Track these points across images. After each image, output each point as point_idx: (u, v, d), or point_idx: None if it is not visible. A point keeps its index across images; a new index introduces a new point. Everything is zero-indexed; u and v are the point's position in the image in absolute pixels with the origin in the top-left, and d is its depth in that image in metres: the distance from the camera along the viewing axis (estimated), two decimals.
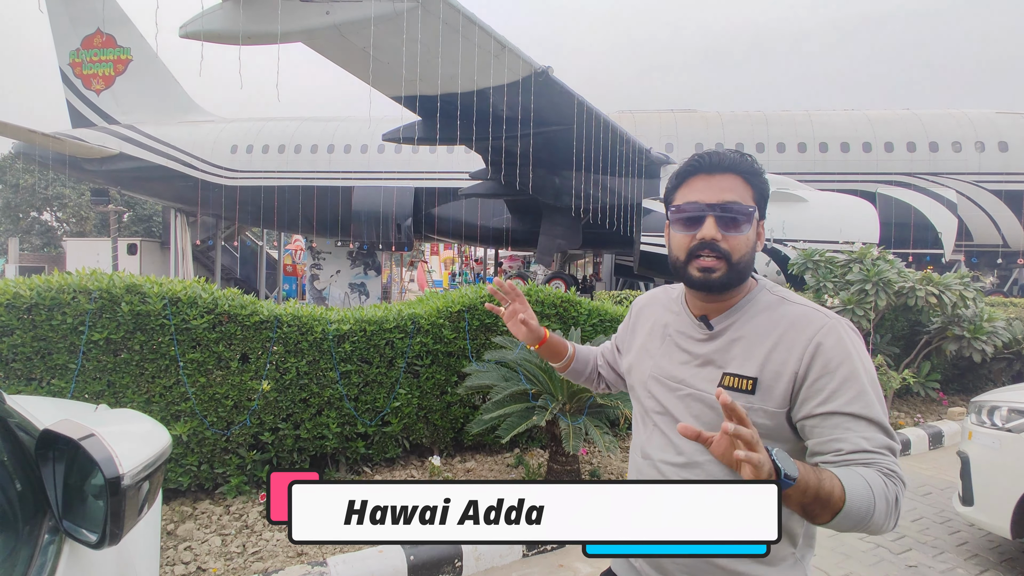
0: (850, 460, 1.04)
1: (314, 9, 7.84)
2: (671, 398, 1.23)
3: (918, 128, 14.97)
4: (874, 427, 1.06)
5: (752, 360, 1.13)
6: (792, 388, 1.09)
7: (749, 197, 1.17)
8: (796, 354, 1.09)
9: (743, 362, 1.14)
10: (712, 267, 1.15)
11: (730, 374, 1.14)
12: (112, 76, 18.75)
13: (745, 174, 1.18)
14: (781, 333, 1.12)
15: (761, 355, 1.12)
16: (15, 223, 30.12)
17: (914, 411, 6.64)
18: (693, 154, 1.24)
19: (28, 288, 3.30)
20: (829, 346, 1.08)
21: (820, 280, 7.07)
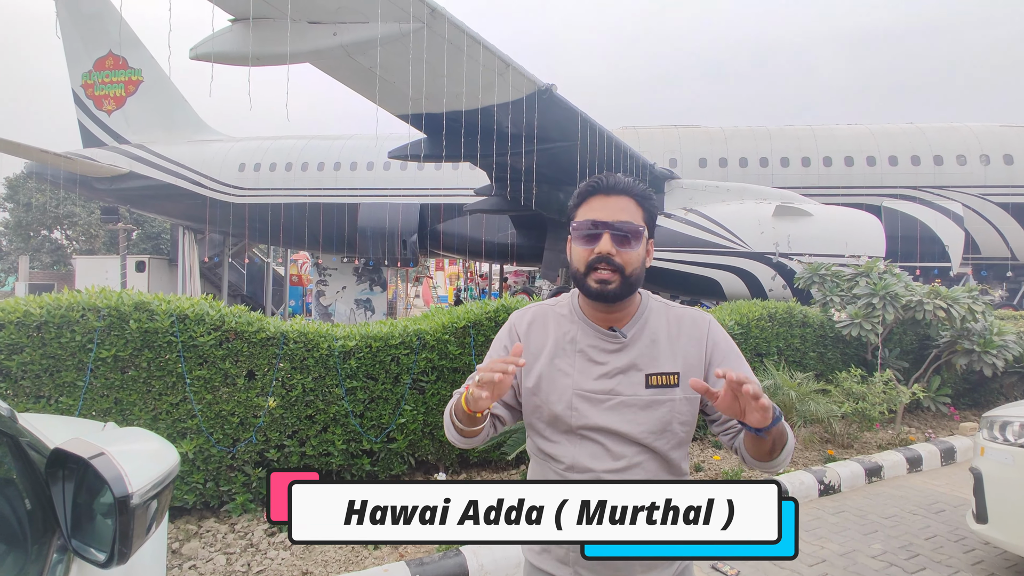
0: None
1: (322, 31, 7.98)
2: (600, 410, 1.28)
3: (922, 141, 14.98)
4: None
5: (671, 358, 1.30)
6: (703, 374, 1.31)
7: (640, 217, 1.30)
8: (699, 346, 1.33)
9: (664, 361, 1.30)
10: (608, 279, 1.27)
11: (654, 374, 1.28)
12: (123, 97, 19.09)
13: (637, 197, 1.31)
14: (681, 332, 1.34)
15: (677, 353, 1.31)
16: (26, 241, 30.48)
17: (925, 426, 6.55)
18: (592, 177, 1.36)
19: (38, 306, 3.34)
20: (716, 335, 1.35)
21: (827, 294, 7.04)
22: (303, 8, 7.62)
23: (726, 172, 15.26)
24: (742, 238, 11.50)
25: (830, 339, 6.69)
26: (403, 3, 7.48)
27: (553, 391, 1.32)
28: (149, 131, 18.95)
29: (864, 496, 4.67)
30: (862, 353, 6.78)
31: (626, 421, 1.27)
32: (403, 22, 7.73)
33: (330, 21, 7.90)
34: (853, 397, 5.64)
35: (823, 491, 4.67)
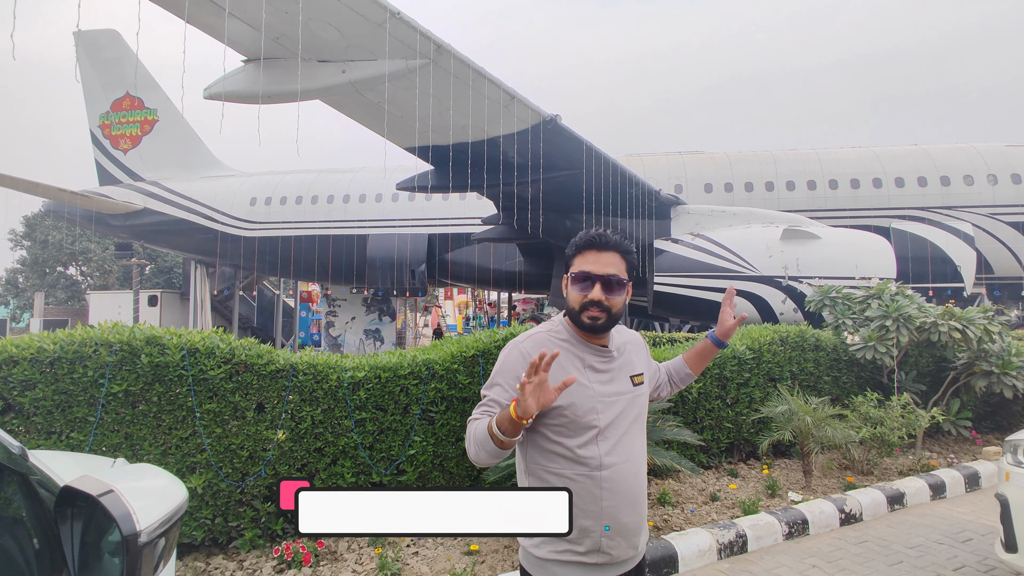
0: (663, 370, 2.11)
1: (331, 68, 8.21)
2: (617, 406, 1.69)
3: (928, 163, 14.99)
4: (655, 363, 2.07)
5: (638, 363, 1.81)
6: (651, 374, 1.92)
7: (623, 269, 1.70)
8: (644, 353, 1.90)
9: (635, 366, 1.80)
10: (598, 316, 1.67)
11: (634, 374, 1.77)
12: (139, 136, 19.62)
13: (622, 252, 1.71)
14: (635, 345, 1.87)
15: (638, 359, 1.83)
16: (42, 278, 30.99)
17: (947, 451, 6.38)
18: (586, 232, 1.75)
19: (51, 342, 3.37)
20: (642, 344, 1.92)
21: (839, 317, 6.96)
22: (313, 48, 7.86)
23: (732, 197, 15.31)
24: (750, 262, 11.46)
25: (844, 362, 6.59)
26: (410, 40, 7.69)
27: (583, 402, 1.64)
28: (163, 168, 19.41)
29: (887, 525, 4.53)
30: (877, 376, 6.66)
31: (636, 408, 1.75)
32: (410, 59, 7.94)
33: (339, 59, 8.13)
34: (871, 422, 5.52)
35: (844, 520, 4.54)
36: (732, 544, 3.99)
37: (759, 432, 5.71)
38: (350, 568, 3.48)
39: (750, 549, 4.05)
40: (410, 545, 3.81)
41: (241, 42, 7.66)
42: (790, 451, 6.02)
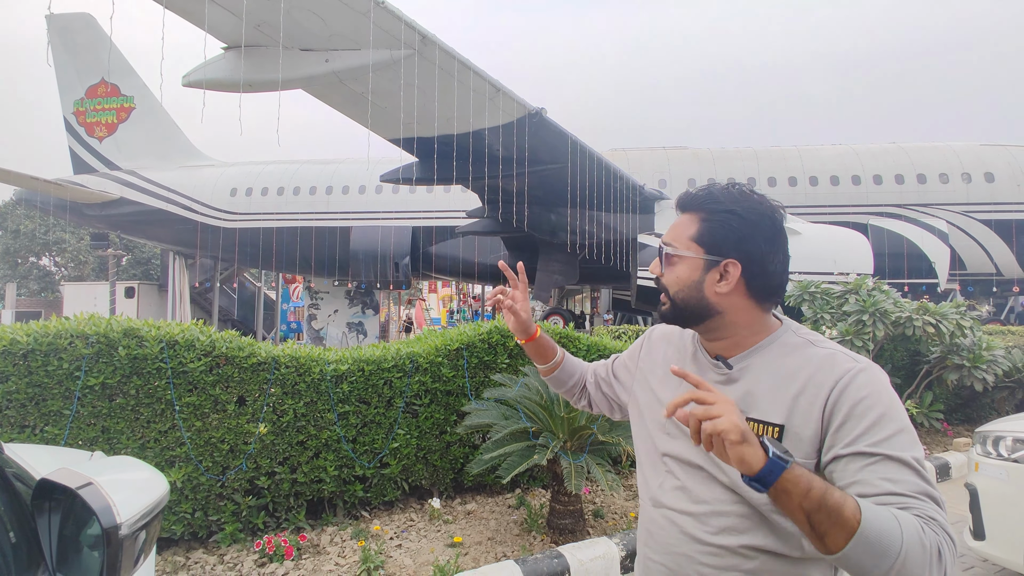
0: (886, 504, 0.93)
1: (313, 57, 8.09)
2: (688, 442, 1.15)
3: (905, 161, 15.30)
4: (907, 469, 0.95)
5: (778, 406, 1.05)
6: (820, 435, 1.02)
7: (689, 235, 1.15)
8: (822, 398, 1.02)
9: (768, 408, 1.06)
10: (662, 301, 1.19)
11: (754, 420, 1.06)
12: (115, 124, 19.16)
13: (697, 210, 1.17)
14: (808, 377, 1.05)
15: (787, 400, 1.05)
16: (13, 268, 30.19)
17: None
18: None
19: (25, 334, 3.29)
20: (857, 387, 1.00)
21: (817, 312, 7.09)
22: (295, 36, 7.73)
23: None
24: None
25: None
26: (394, 30, 7.61)
27: (653, 411, 1.26)
28: (141, 157, 18.99)
29: None
30: None
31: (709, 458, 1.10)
32: (394, 49, 7.85)
33: (322, 48, 8.02)
34: None
35: None
36: None
37: None
38: (332, 561, 3.47)
39: None
40: (393, 538, 3.82)
41: (221, 28, 7.51)
42: None
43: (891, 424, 0.97)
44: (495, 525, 4.03)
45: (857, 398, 0.99)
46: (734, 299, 1.12)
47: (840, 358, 1.05)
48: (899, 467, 0.95)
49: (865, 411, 0.98)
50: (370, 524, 3.98)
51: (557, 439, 3.59)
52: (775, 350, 1.11)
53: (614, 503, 4.50)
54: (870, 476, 0.95)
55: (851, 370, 1.02)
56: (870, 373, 1.02)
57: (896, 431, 0.97)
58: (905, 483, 0.94)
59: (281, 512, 3.84)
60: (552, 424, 3.69)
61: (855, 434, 0.98)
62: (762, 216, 1.14)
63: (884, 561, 0.85)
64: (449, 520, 4.09)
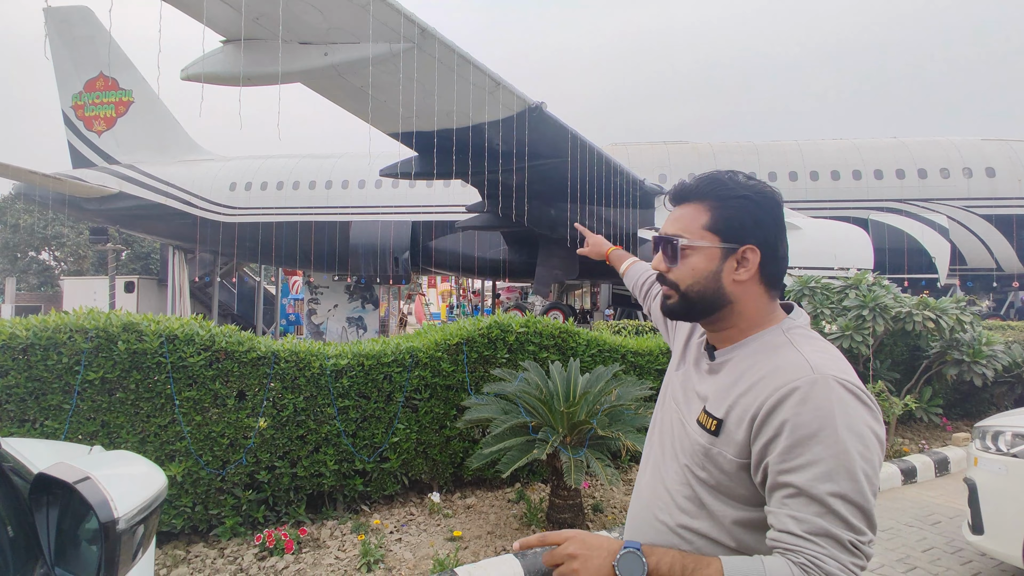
0: (779, 544, 0.92)
1: (312, 51, 8.05)
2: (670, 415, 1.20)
3: (906, 155, 15.27)
4: (814, 506, 0.90)
5: (725, 400, 1.05)
6: (748, 442, 0.99)
7: (701, 224, 1.11)
8: (756, 405, 0.98)
9: (718, 401, 1.07)
10: (667, 295, 1.15)
11: (706, 411, 1.08)
12: (113, 118, 19.09)
13: (705, 198, 1.12)
14: (758, 379, 1.02)
15: (734, 397, 1.04)
16: (13, 263, 30.16)
17: (918, 437, 6.57)
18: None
19: (24, 328, 3.29)
20: (796, 401, 0.94)
21: (817, 307, 7.08)
22: (294, 29, 7.69)
23: None
24: None
25: None
26: (393, 23, 7.57)
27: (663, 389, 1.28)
28: (139, 151, 18.93)
29: None
30: (854, 365, 6.80)
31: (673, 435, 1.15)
32: (394, 42, 7.81)
33: (321, 42, 7.97)
34: None
35: None
36: None
37: None
38: (332, 555, 3.48)
39: None
40: (393, 531, 3.83)
41: (220, 22, 7.46)
42: None
43: (814, 450, 0.91)
44: (495, 519, 4.04)
45: (786, 415, 0.94)
46: (750, 287, 1.10)
47: (794, 369, 0.99)
48: (807, 502, 0.91)
49: (791, 430, 0.93)
50: (370, 518, 3.99)
51: (557, 434, 3.59)
52: (757, 346, 1.09)
53: (614, 497, 4.51)
54: (779, 509, 0.94)
55: (792, 383, 0.96)
56: (814, 390, 0.94)
57: (816, 459, 0.91)
58: (806, 523, 0.90)
59: (281, 506, 3.85)
60: (552, 419, 3.70)
61: (776, 452, 0.94)
62: (770, 199, 1.12)
63: None
64: (449, 514, 4.10)
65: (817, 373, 0.96)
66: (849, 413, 0.93)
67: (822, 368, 0.97)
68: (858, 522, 0.90)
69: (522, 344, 4.60)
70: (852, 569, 0.89)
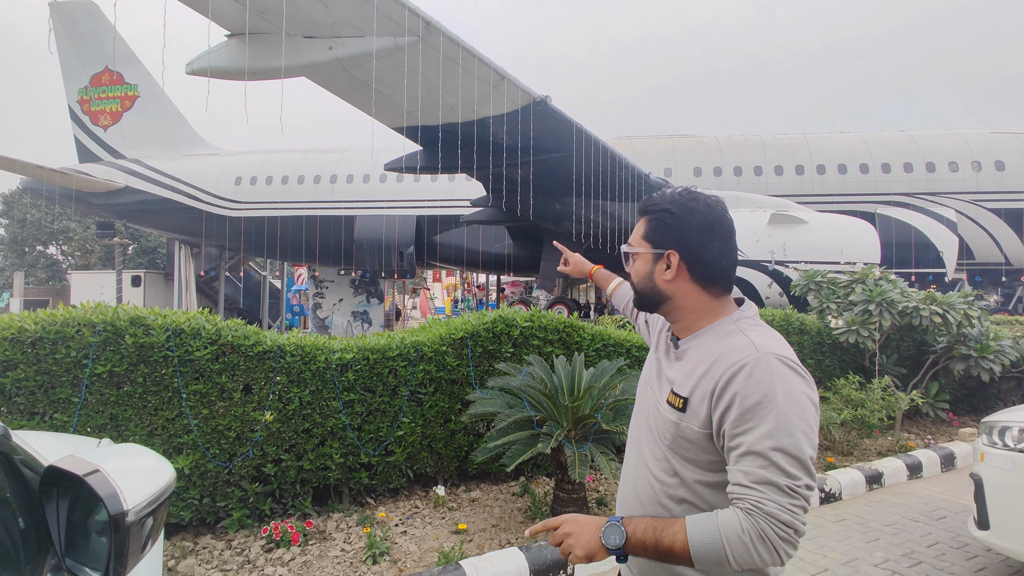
0: (732, 496, 1.11)
1: (317, 45, 8.03)
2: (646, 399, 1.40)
3: (914, 149, 15.12)
4: (759, 460, 1.08)
5: (689, 381, 1.23)
6: (709, 413, 1.18)
7: (640, 235, 1.35)
8: (713, 383, 1.17)
9: (683, 382, 1.25)
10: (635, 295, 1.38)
11: (673, 391, 1.26)
12: (119, 112, 19.13)
13: (643, 214, 1.37)
14: (714, 361, 1.20)
15: (696, 378, 1.22)
16: (21, 257, 30.38)
17: (924, 432, 6.54)
18: None
19: (33, 322, 3.31)
20: (740, 378, 1.13)
21: (823, 301, 7.05)
22: (299, 23, 7.67)
23: (721, 181, 15.36)
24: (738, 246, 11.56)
25: (827, 346, 6.70)
26: (398, 17, 7.54)
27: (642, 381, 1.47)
28: (145, 146, 18.98)
29: (865, 504, 4.65)
30: (860, 360, 6.78)
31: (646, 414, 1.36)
32: (398, 36, 7.79)
33: (325, 35, 7.95)
34: (852, 404, 5.63)
35: (824, 499, 4.65)
36: None
37: None
38: (338, 547, 3.51)
39: None
40: (398, 524, 3.85)
41: (225, 16, 7.45)
42: None
43: (759, 415, 1.09)
44: (499, 512, 4.06)
45: (737, 388, 1.13)
46: (680, 285, 1.30)
47: (740, 350, 1.17)
48: (754, 458, 1.09)
49: (741, 400, 1.12)
50: (375, 511, 4.01)
51: (561, 428, 3.60)
52: (712, 334, 1.27)
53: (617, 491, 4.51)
54: (734, 467, 1.12)
55: (740, 361, 1.14)
56: (758, 366, 1.13)
57: (761, 422, 1.09)
58: (752, 474, 1.08)
59: (287, 499, 3.88)
60: (556, 413, 3.70)
61: (730, 420, 1.13)
62: (692, 211, 1.29)
63: (721, 561, 1.08)
64: (453, 507, 4.13)
65: (760, 352, 1.15)
66: (787, 383, 1.12)
67: (764, 348, 1.16)
68: (794, 470, 1.07)
69: (527, 338, 4.61)
70: (790, 508, 1.06)
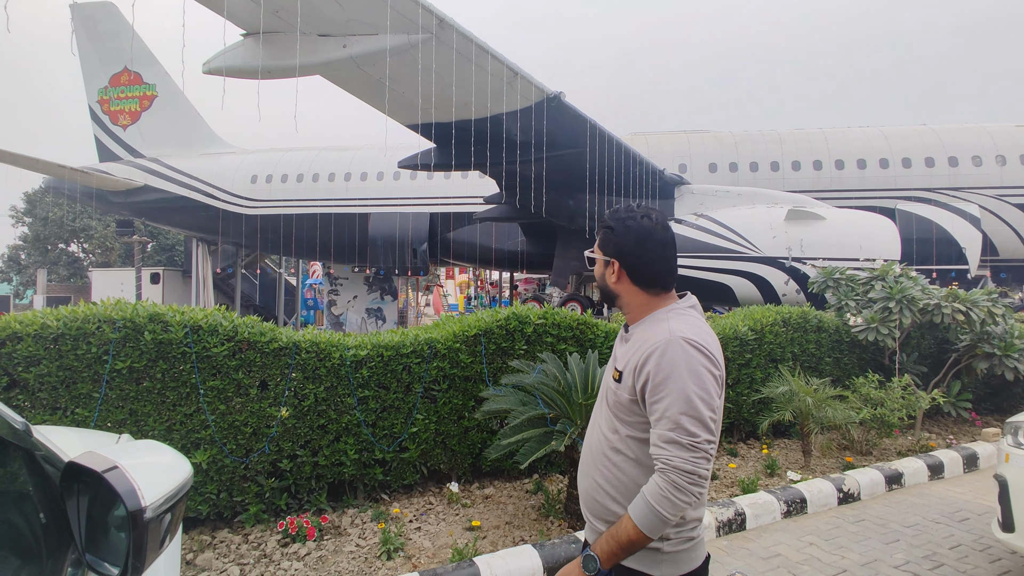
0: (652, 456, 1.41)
1: (331, 43, 8.07)
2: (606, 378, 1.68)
3: (936, 143, 14.80)
4: (667, 423, 1.37)
5: (625, 359, 1.55)
6: (633, 383, 1.48)
7: (597, 246, 1.65)
8: (637, 360, 1.48)
9: (622, 359, 1.57)
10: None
11: (615, 367, 1.59)
12: (138, 112, 19.42)
13: (600, 228, 1.67)
14: (642, 343, 1.51)
15: (628, 356, 1.54)
16: (44, 255, 30.99)
17: (946, 432, 6.42)
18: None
19: (55, 319, 3.37)
20: (655, 357, 1.43)
21: (842, 298, 6.94)
22: (313, 21, 7.71)
23: (736, 177, 15.18)
24: (754, 243, 11.41)
25: (846, 344, 6.59)
26: (412, 14, 7.54)
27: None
28: (163, 145, 19.24)
29: (884, 504, 4.57)
30: (879, 358, 6.67)
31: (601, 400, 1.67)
32: (412, 33, 7.79)
33: (339, 33, 7.98)
34: (871, 403, 5.54)
35: (842, 499, 4.58)
36: (731, 522, 4.03)
37: (759, 412, 5.74)
38: (353, 542, 3.53)
39: (748, 527, 4.10)
40: (412, 520, 3.87)
41: (240, 15, 7.52)
42: (790, 431, 6.06)
43: (668, 387, 1.38)
44: (513, 510, 4.06)
45: (652, 365, 1.42)
46: (624, 286, 1.61)
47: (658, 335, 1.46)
48: (665, 422, 1.37)
49: (653, 375, 1.41)
50: (390, 507, 4.03)
51: (575, 425, 3.59)
52: (647, 323, 1.57)
53: None
54: (653, 430, 1.41)
55: (656, 343, 1.44)
56: (668, 347, 1.42)
57: (668, 392, 1.38)
58: (662, 435, 1.37)
59: (303, 494, 3.91)
60: (570, 410, 3.69)
61: (648, 390, 1.43)
62: (629, 229, 1.59)
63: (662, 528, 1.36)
64: (467, 504, 4.13)
65: (672, 336, 1.44)
66: (690, 360, 1.40)
67: (677, 332, 1.45)
68: (695, 428, 1.35)
69: (540, 336, 4.59)
70: (692, 460, 1.33)
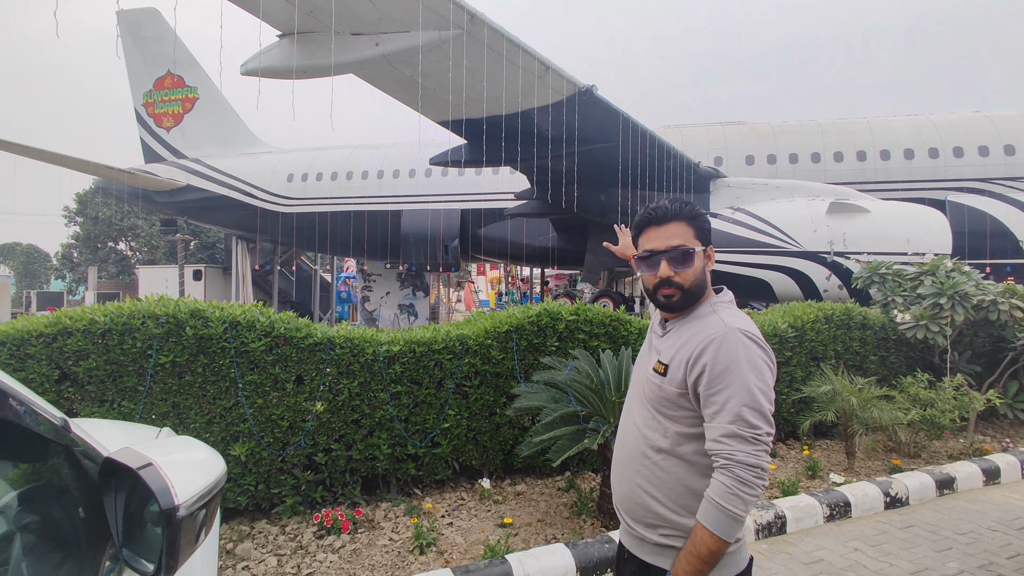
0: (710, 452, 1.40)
1: (364, 42, 8.14)
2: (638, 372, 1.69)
3: (990, 131, 14.03)
4: (728, 415, 1.35)
5: (670, 352, 1.53)
6: (684, 376, 1.46)
7: (692, 237, 1.55)
8: (691, 350, 1.46)
9: (666, 354, 1.55)
10: (671, 295, 1.56)
11: (659, 361, 1.56)
12: (181, 114, 20.07)
13: (687, 219, 1.56)
14: (691, 336, 1.49)
15: (675, 349, 1.52)
16: (94, 253, 32.42)
17: (1002, 435, 6.09)
18: (644, 208, 1.61)
19: (102, 314, 3.49)
20: (715, 346, 1.41)
21: (888, 294, 6.66)
22: (346, 21, 7.80)
23: (775, 169, 14.72)
24: (793, 237, 11.04)
25: (892, 342, 6.32)
26: (443, 10, 7.55)
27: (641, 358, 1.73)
28: (204, 146, 19.85)
29: (935, 510, 4.36)
30: (928, 356, 6.37)
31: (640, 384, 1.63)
32: (443, 29, 7.80)
33: (372, 32, 8.05)
34: (920, 403, 5.29)
35: (889, 504, 4.39)
36: (771, 525, 3.91)
37: (799, 412, 5.56)
38: (387, 536, 3.56)
39: (789, 530, 3.96)
40: (445, 515, 3.88)
41: (276, 16, 7.66)
42: (831, 432, 5.85)
43: (726, 379, 1.37)
44: (545, 507, 4.03)
45: (709, 357, 1.41)
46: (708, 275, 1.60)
47: (713, 326, 1.45)
48: (725, 415, 1.36)
49: (711, 368, 1.40)
50: (422, 501, 4.06)
51: (608, 423, 3.53)
52: (692, 315, 1.56)
53: None
54: (709, 424, 1.40)
55: (712, 335, 1.43)
56: (725, 339, 1.41)
57: (728, 385, 1.37)
58: (721, 430, 1.36)
59: (338, 487, 3.97)
60: (603, 408, 3.63)
61: (703, 384, 1.41)
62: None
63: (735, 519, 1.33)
64: (499, 500, 4.12)
65: (727, 327, 1.43)
66: (748, 352, 1.40)
67: (731, 324, 1.44)
68: (756, 421, 1.34)
69: (572, 332, 4.54)
70: (754, 453, 1.33)
